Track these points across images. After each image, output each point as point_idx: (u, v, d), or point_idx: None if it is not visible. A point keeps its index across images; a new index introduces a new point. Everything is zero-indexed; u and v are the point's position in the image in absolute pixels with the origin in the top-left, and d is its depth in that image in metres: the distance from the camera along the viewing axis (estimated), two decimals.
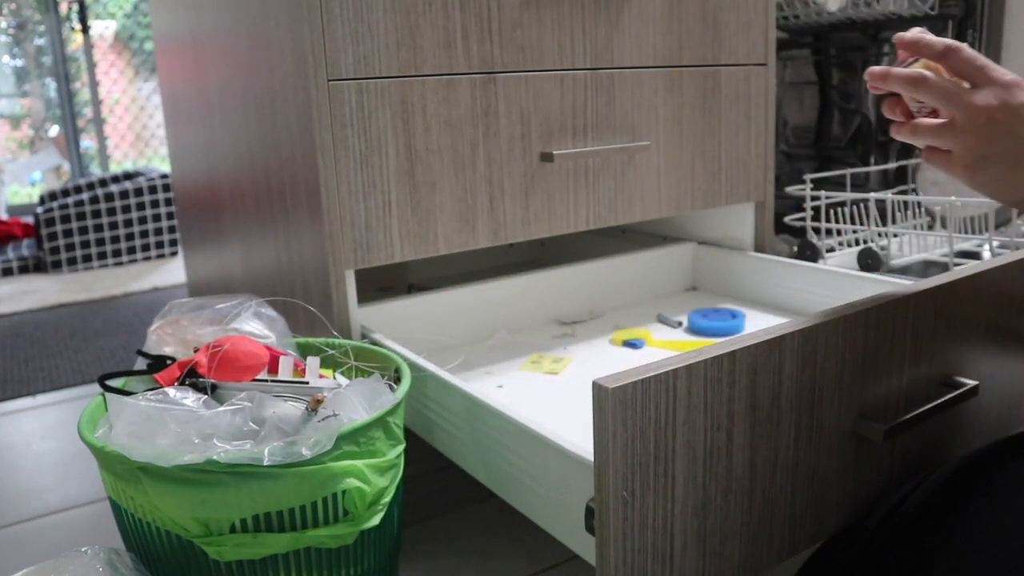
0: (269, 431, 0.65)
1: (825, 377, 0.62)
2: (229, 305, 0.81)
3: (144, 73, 4.17)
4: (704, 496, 0.57)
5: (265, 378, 0.72)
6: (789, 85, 1.81)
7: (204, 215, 1.46)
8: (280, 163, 0.98)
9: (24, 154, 3.98)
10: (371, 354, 0.84)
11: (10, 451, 1.34)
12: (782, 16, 1.63)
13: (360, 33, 0.86)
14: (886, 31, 1.71)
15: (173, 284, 2.46)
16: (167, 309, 0.81)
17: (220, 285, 1.43)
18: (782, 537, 0.63)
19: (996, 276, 0.73)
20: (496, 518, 1.02)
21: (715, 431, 0.56)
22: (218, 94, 1.21)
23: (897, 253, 1.39)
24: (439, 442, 0.83)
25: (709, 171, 1.16)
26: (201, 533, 0.63)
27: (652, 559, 0.55)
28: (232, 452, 0.61)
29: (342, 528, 0.66)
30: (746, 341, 0.57)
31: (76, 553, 0.66)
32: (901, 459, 0.70)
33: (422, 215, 0.94)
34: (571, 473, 0.61)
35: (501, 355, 1.04)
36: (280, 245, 1.04)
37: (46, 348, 1.89)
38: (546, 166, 1.01)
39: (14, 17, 3.85)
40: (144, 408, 0.64)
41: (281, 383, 0.71)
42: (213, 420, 0.64)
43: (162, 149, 4.16)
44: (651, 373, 0.52)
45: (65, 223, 2.66)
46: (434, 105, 0.92)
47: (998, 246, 1.36)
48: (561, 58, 1.00)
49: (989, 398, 0.76)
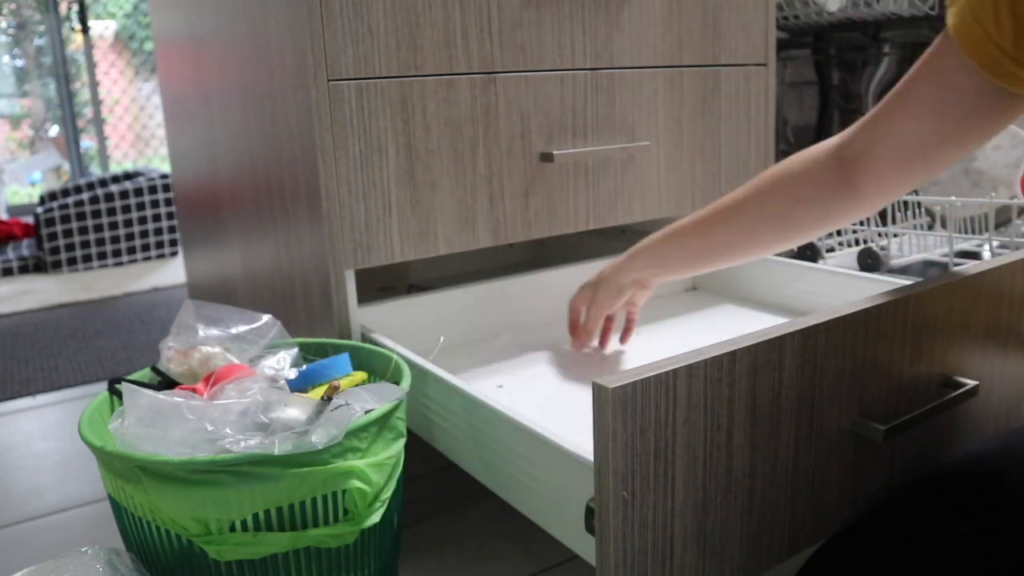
0: (278, 426, 0.65)
1: (825, 377, 0.62)
2: (250, 330, 0.81)
3: (144, 73, 4.17)
4: (704, 496, 0.57)
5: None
6: (789, 85, 1.81)
7: (204, 215, 1.46)
8: (280, 163, 0.98)
9: (24, 154, 3.99)
10: (371, 354, 0.84)
11: (10, 451, 1.34)
12: (782, 16, 1.64)
13: (360, 33, 0.86)
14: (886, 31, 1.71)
15: (173, 284, 2.46)
16: (182, 316, 0.81)
17: (220, 285, 1.43)
18: (782, 537, 0.63)
19: (996, 276, 0.73)
20: (496, 518, 1.02)
21: (715, 431, 0.56)
22: (218, 94, 1.21)
23: (897, 253, 1.39)
24: (439, 442, 0.83)
25: (709, 171, 1.16)
26: (201, 532, 0.63)
27: (652, 559, 0.55)
28: (244, 443, 0.61)
29: (342, 527, 0.66)
30: (746, 341, 0.57)
31: (76, 553, 0.66)
32: (901, 459, 0.70)
33: (422, 215, 0.94)
34: (571, 473, 0.61)
35: (501, 355, 1.04)
36: (280, 245, 1.04)
37: (46, 348, 1.89)
38: (546, 166, 1.01)
39: (14, 17, 3.85)
40: (160, 399, 0.65)
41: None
42: (225, 413, 0.64)
43: (162, 149, 4.17)
44: (651, 373, 0.52)
45: (65, 223, 2.66)
46: (434, 105, 0.92)
47: (998, 246, 1.36)
48: (561, 58, 1.00)
49: (989, 398, 0.76)
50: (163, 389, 0.74)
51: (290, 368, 0.80)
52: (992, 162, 1.43)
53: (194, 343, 0.80)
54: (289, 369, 0.80)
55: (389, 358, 0.82)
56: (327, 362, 0.80)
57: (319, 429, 0.63)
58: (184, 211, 1.69)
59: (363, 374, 0.82)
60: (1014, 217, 1.38)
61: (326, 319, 0.93)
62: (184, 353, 0.79)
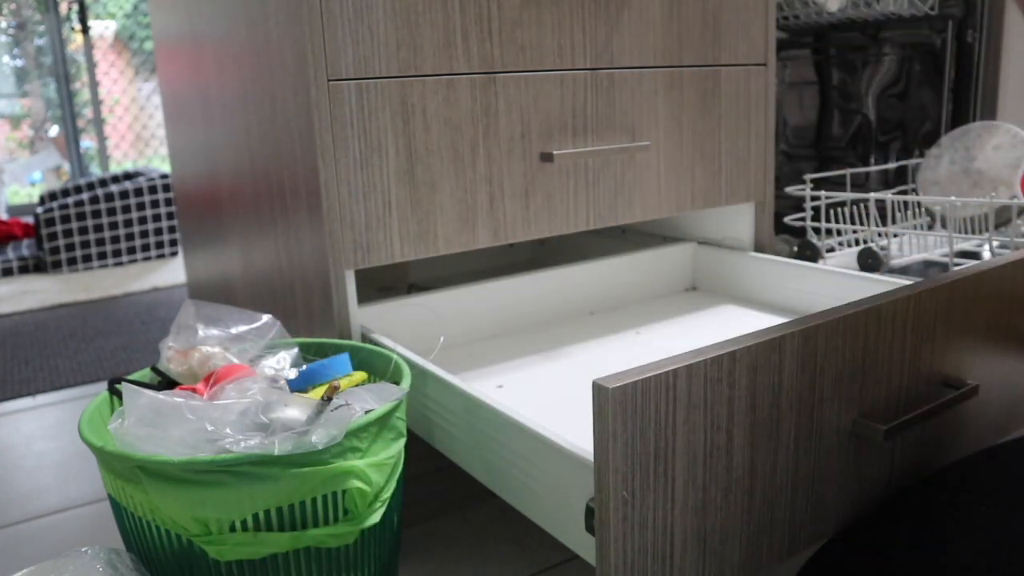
0: (278, 426, 0.65)
1: (825, 377, 0.62)
2: (250, 329, 0.81)
3: (144, 73, 4.17)
4: (704, 496, 0.57)
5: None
6: (789, 85, 1.81)
7: (204, 215, 1.46)
8: (280, 163, 0.98)
9: (24, 154, 3.98)
10: (371, 354, 0.84)
11: (10, 451, 1.34)
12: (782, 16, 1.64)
13: (360, 33, 0.86)
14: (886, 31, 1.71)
15: (173, 284, 2.46)
16: (182, 316, 0.82)
17: (220, 285, 1.43)
18: (782, 537, 0.63)
19: (996, 276, 0.73)
20: (496, 518, 1.02)
21: (715, 431, 0.56)
22: (218, 94, 1.21)
23: (897, 253, 1.39)
24: (439, 442, 0.83)
25: (709, 171, 1.16)
26: (201, 532, 0.63)
27: (652, 559, 0.55)
28: (245, 443, 0.61)
29: (342, 527, 0.66)
30: (746, 341, 0.57)
31: (76, 553, 0.66)
32: (901, 459, 0.70)
33: (422, 215, 0.94)
34: (571, 473, 0.61)
35: (501, 355, 1.04)
36: (280, 245, 1.04)
37: (46, 348, 1.89)
38: (546, 166, 1.01)
39: (14, 17, 3.85)
40: (160, 399, 0.65)
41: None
42: (225, 413, 0.64)
43: (162, 149, 4.17)
44: (651, 373, 0.52)
45: (65, 223, 2.66)
46: (434, 105, 0.92)
47: (998, 246, 1.36)
48: (561, 58, 1.00)
49: (989, 398, 0.76)
50: (163, 389, 0.74)
51: (290, 368, 0.80)
52: (992, 162, 1.43)
53: (194, 343, 0.80)
54: (289, 369, 0.80)
55: (389, 358, 0.82)
56: (327, 362, 0.80)
57: (319, 429, 0.63)
58: (184, 211, 1.69)
59: (363, 374, 0.82)
60: (1014, 217, 1.38)
61: (326, 319, 0.93)
62: (184, 353, 0.79)
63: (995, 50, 1.66)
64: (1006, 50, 1.65)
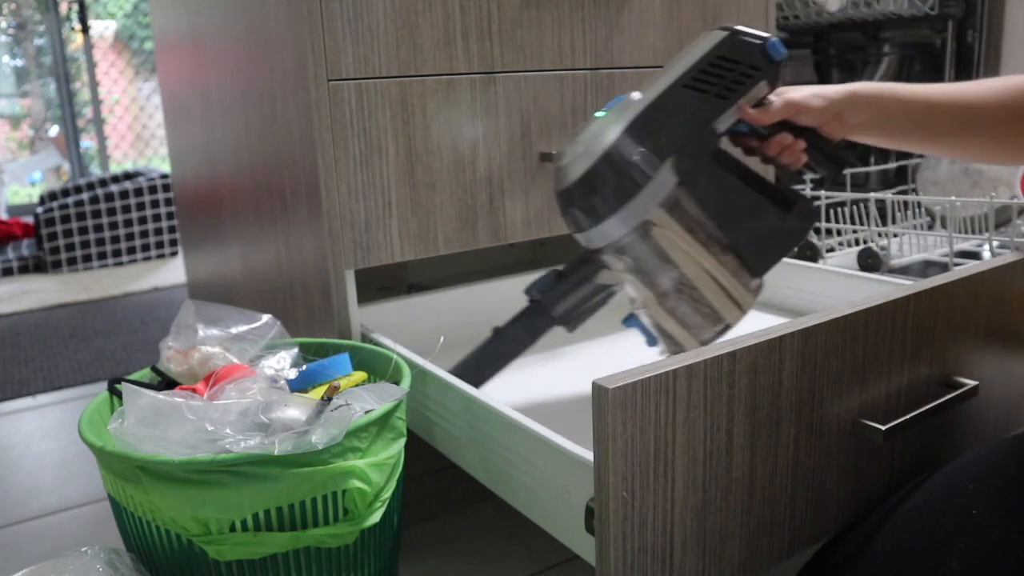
0: (278, 426, 0.65)
1: (825, 377, 0.62)
2: (250, 329, 0.81)
3: (144, 73, 4.17)
4: (704, 496, 0.57)
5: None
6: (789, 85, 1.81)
7: (204, 215, 1.46)
8: (280, 163, 0.98)
9: (24, 154, 3.98)
10: (371, 354, 0.84)
11: (10, 451, 1.34)
12: (782, 16, 1.64)
13: (360, 33, 0.86)
14: (886, 31, 1.71)
15: (173, 284, 2.46)
16: (182, 316, 0.81)
17: (220, 285, 1.43)
18: (782, 537, 0.63)
19: (996, 276, 0.73)
20: (496, 518, 1.02)
21: (715, 431, 0.56)
22: (218, 94, 1.21)
23: (897, 253, 1.39)
24: (439, 442, 0.83)
25: None
26: (201, 532, 0.63)
27: (652, 559, 0.55)
28: (245, 443, 0.61)
29: (342, 527, 0.66)
30: (746, 341, 0.57)
31: (76, 553, 0.66)
32: (901, 459, 0.70)
33: (422, 215, 0.94)
34: (571, 473, 0.61)
35: None
36: (280, 245, 1.04)
37: (46, 348, 1.89)
38: (546, 166, 1.01)
39: (14, 17, 3.85)
40: (160, 399, 0.65)
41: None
42: (225, 413, 0.64)
43: (162, 149, 4.16)
44: (651, 373, 0.52)
45: (65, 223, 2.66)
46: (434, 105, 0.92)
47: (998, 246, 1.36)
48: (561, 58, 1.00)
49: (989, 398, 0.76)
50: (163, 389, 0.75)
51: (290, 368, 0.80)
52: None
53: (194, 343, 0.80)
54: (289, 369, 0.80)
55: (389, 358, 0.82)
56: (327, 362, 0.80)
57: (319, 429, 0.63)
58: (184, 211, 1.69)
59: (363, 374, 0.82)
60: (1014, 217, 1.39)
61: (326, 319, 0.93)
62: (184, 353, 0.79)
63: (995, 50, 1.66)
64: (1006, 50, 1.65)
